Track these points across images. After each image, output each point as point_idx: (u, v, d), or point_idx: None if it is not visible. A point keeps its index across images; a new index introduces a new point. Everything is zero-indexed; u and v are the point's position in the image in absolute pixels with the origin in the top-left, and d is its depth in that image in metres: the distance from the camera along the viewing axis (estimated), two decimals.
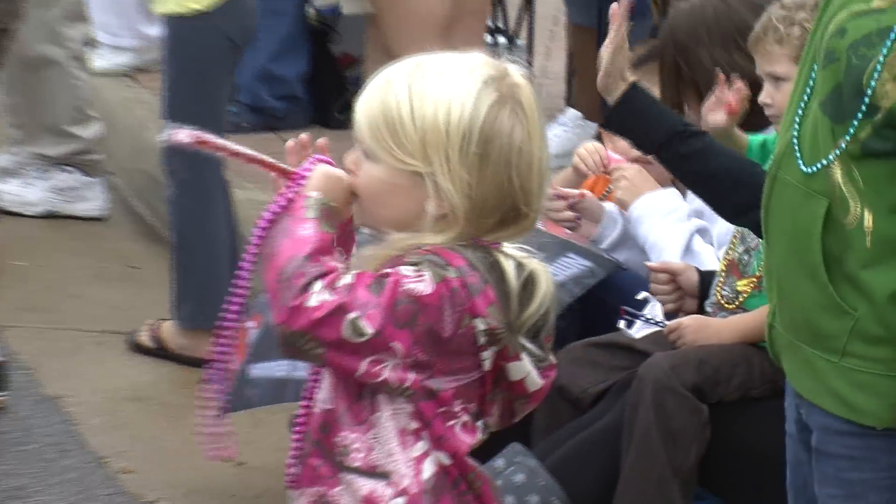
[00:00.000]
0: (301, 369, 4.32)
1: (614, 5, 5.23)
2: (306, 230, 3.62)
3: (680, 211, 5.88)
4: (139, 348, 7.82)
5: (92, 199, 9.32)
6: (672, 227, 6.10)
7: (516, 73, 3.78)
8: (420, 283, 3.58)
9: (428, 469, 3.74)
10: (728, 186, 5.03)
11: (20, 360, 7.59)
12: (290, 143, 3.81)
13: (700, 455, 5.75)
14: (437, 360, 3.64)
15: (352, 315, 3.54)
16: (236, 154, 3.90)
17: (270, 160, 3.77)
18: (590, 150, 6.52)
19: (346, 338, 3.55)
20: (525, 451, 5.67)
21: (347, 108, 5.09)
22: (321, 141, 3.81)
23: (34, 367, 7.67)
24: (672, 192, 5.79)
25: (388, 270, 3.63)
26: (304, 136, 3.80)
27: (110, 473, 6.93)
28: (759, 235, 4.74)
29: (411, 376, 3.61)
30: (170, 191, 7.75)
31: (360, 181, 3.73)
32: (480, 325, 3.62)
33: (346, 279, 3.59)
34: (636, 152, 5.63)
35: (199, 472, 6.86)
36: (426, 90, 3.69)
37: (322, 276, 3.58)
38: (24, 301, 7.98)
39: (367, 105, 3.73)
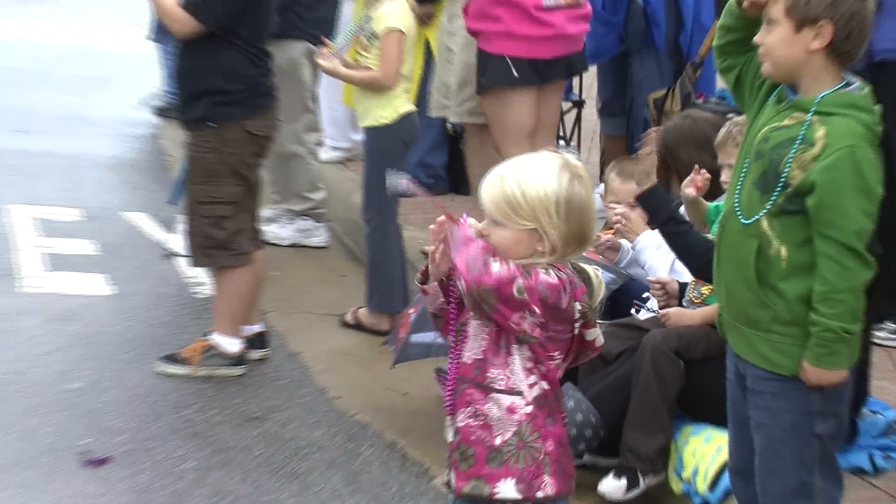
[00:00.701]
0: (440, 338, 4.29)
1: (651, 133, 5.62)
2: (476, 241, 3.74)
3: (664, 247, 5.84)
4: (345, 324, 7.85)
5: (319, 236, 9.41)
6: (661, 256, 6.14)
7: (574, 159, 3.89)
8: (549, 277, 3.71)
9: (535, 391, 3.86)
10: (694, 256, 5.35)
11: (276, 330, 7.65)
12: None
13: (678, 392, 5.77)
14: (552, 324, 3.75)
15: (519, 281, 3.66)
16: (432, 200, 4.19)
17: (447, 210, 3.84)
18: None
19: (514, 294, 3.66)
20: (574, 387, 5.78)
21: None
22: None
23: (284, 334, 7.73)
24: (658, 234, 5.79)
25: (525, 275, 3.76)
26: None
27: (327, 398, 6.97)
28: (709, 282, 5.17)
29: (537, 331, 3.72)
30: (366, 231, 7.79)
31: (495, 240, 3.80)
32: (578, 306, 3.78)
33: (511, 263, 3.72)
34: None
35: (380, 398, 6.94)
36: (528, 180, 3.78)
37: (494, 256, 3.71)
38: (279, 295, 8.00)
39: (490, 194, 3.82)
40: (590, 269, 3.91)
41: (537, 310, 3.73)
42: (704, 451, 5.71)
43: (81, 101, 13.88)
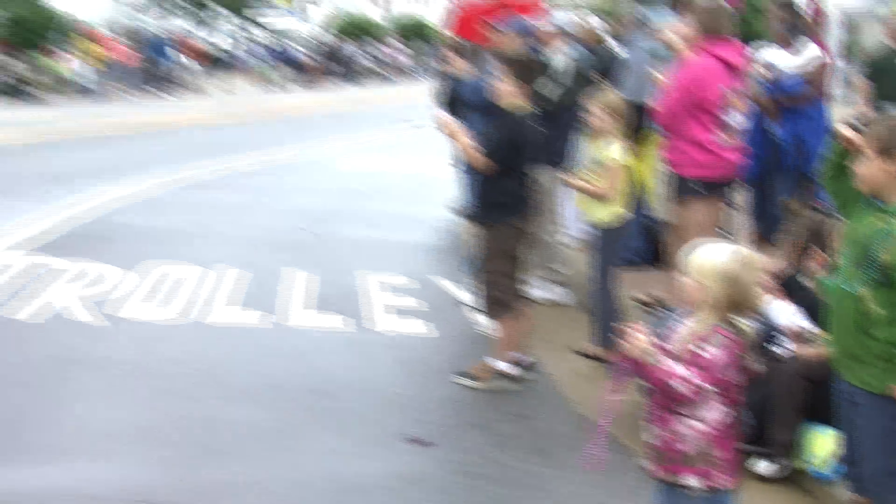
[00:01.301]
0: None
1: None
2: (657, 372, 3.73)
3: (789, 308, 5.69)
4: (581, 354, 7.72)
5: (564, 296, 9.32)
6: (786, 316, 5.96)
7: (747, 250, 3.83)
8: (716, 356, 3.66)
9: (718, 415, 3.77)
10: (815, 313, 5.29)
11: (535, 358, 7.51)
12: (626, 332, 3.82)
13: (805, 402, 5.65)
14: (733, 374, 3.70)
15: (702, 384, 3.68)
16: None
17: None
18: None
19: (705, 392, 3.69)
20: None
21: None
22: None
23: (541, 360, 7.59)
24: (783, 302, 5.63)
25: (703, 354, 3.69)
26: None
27: (569, 403, 6.93)
28: (825, 330, 4.83)
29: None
30: (593, 290, 7.73)
31: (686, 287, 3.78)
32: (741, 353, 3.72)
33: (688, 373, 3.68)
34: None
35: (596, 400, 6.73)
36: (710, 254, 3.76)
37: (674, 376, 3.68)
38: (537, 334, 7.82)
39: (691, 254, 3.78)
40: (742, 323, 3.81)
41: (720, 378, 3.73)
42: (824, 443, 5.60)
43: (408, 207, 14.19)
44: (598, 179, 7.53)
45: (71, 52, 34.60)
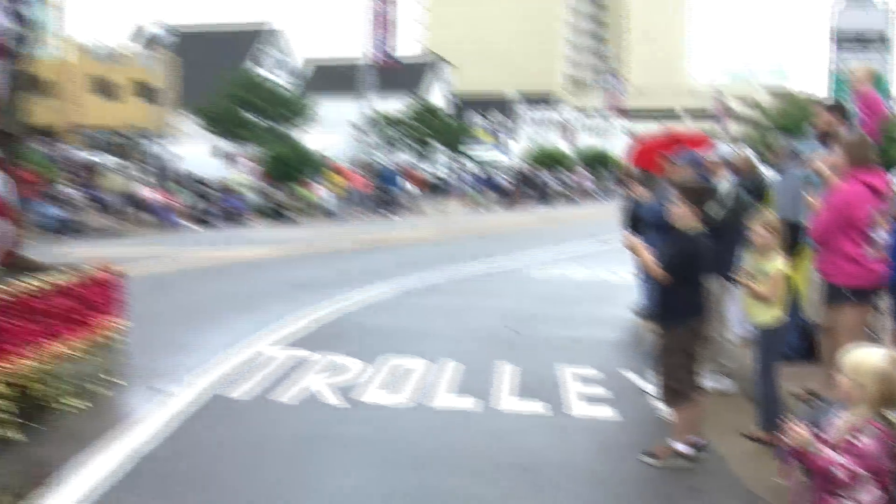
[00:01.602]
0: None
1: None
2: (818, 459, 3.63)
3: None
4: (747, 437, 7.49)
5: (730, 386, 9.06)
6: None
7: None
8: (870, 445, 3.54)
9: (873, 498, 3.62)
10: None
11: (707, 439, 7.25)
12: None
13: None
14: (883, 458, 3.58)
15: (857, 470, 3.56)
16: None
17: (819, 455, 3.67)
18: None
19: (860, 478, 3.57)
20: None
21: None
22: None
23: (712, 441, 7.32)
24: None
25: (858, 444, 3.57)
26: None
27: (739, 481, 6.65)
28: None
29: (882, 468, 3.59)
30: (755, 377, 7.50)
31: (843, 385, 3.68)
32: (892, 443, 3.56)
33: (845, 461, 3.56)
34: None
35: (770, 481, 6.38)
36: (865, 356, 3.64)
37: (833, 463, 3.58)
38: (709, 419, 7.50)
39: (848, 364, 3.67)
40: (893, 416, 3.68)
41: (872, 467, 3.62)
42: None
43: (596, 309, 14.15)
44: (761, 286, 7.39)
45: (319, 182, 36.20)
